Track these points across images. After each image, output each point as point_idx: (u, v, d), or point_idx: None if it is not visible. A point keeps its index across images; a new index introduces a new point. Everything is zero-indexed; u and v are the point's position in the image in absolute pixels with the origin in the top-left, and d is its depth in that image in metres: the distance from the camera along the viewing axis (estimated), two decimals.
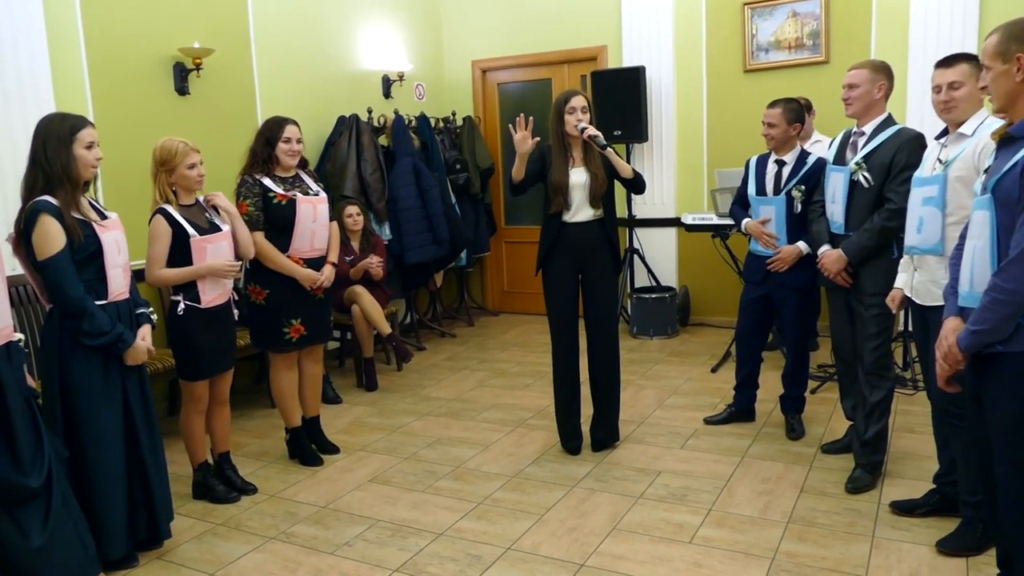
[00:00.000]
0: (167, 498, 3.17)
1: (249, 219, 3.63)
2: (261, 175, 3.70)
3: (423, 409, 4.80)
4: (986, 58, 2.13)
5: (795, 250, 3.78)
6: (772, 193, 3.88)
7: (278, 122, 3.74)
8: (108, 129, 4.30)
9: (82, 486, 2.84)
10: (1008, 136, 2.11)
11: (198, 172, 3.31)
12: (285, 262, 3.72)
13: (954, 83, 2.72)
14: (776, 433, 4.07)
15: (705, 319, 6.57)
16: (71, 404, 2.86)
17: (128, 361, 2.92)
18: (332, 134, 5.88)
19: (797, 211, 3.79)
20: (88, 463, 2.87)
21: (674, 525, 3.16)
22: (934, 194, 2.74)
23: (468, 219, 6.80)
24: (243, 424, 4.61)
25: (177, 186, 3.31)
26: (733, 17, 6.14)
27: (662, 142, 6.48)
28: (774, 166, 3.90)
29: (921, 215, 2.80)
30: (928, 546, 2.86)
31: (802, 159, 3.84)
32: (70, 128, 2.80)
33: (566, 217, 3.78)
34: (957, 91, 2.71)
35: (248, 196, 3.66)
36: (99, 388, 2.87)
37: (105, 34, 4.37)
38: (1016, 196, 2.02)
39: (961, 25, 5.34)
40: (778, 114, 3.81)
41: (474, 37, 7.25)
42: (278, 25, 5.51)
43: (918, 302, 2.89)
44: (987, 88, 2.21)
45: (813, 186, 3.74)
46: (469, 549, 3.05)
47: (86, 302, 2.78)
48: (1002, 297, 2.02)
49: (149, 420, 3.07)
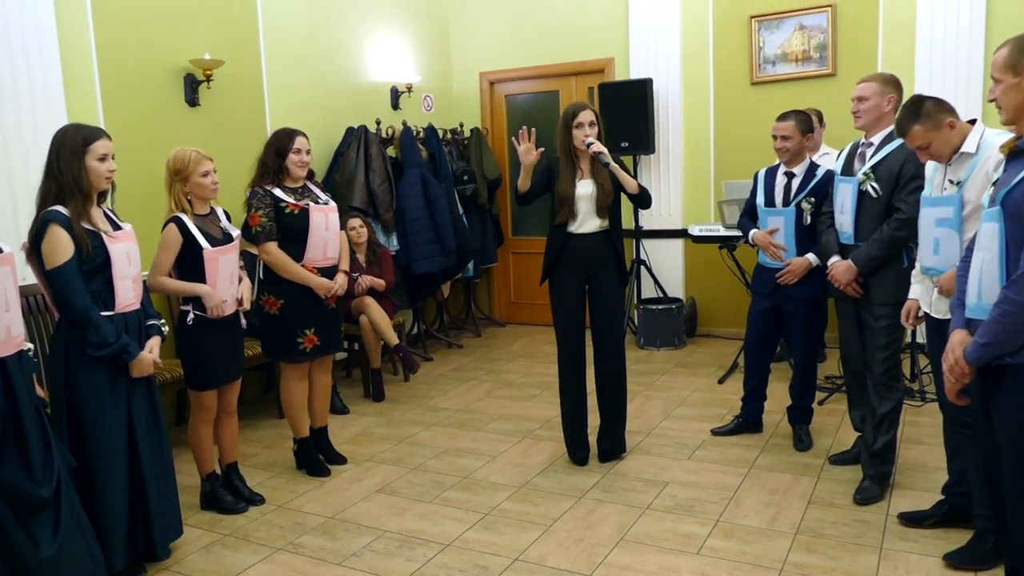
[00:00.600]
0: (173, 514, 3.16)
1: (262, 229, 3.66)
2: (271, 186, 3.72)
3: (430, 420, 4.80)
4: (996, 71, 2.15)
5: (804, 262, 3.78)
6: (781, 205, 3.88)
7: (288, 133, 3.77)
8: (119, 140, 4.26)
9: (85, 496, 2.83)
10: (1017, 149, 2.11)
11: (212, 180, 3.34)
12: (300, 271, 3.73)
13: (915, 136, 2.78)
14: (784, 444, 4.06)
15: (712, 330, 6.57)
16: (76, 414, 2.86)
17: (133, 373, 2.92)
18: (340, 145, 5.91)
19: (806, 223, 3.79)
20: (91, 474, 2.87)
21: (682, 536, 3.16)
22: (949, 215, 2.72)
23: (475, 230, 6.82)
24: (251, 434, 4.62)
25: (192, 195, 3.34)
26: (740, 29, 6.17)
27: (669, 154, 6.50)
28: (783, 178, 3.90)
29: (937, 236, 2.78)
30: (936, 558, 2.84)
31: (811, 171, 3.84)
32: (83, 139, 2.82)
33: (572, 228, 3.79)
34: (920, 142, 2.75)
35: (260, 207, 3.68)
36: (105, 399, 2.87)
37: (117, 45, 4.41)
38: None
39: (967, 39, 5.35)
40: (791, 126, 3.80)
41: (482, 49, 7.29)
42: (288, 37, 5.55)
43: (934, 315, 2.88)
44: (995, 100, 2.22)
45: (823, 198, 3.74)
46: (477, 560, 3.05)
47: (91, 312, 2.79)
48: (1013, 309, 2.02)
49: (158, 433, 3.07)
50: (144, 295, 3.07)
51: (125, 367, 2.90)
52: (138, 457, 2.96)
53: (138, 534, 3.00)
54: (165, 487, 3.10)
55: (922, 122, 2.70)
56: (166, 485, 3.11)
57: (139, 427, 2.97)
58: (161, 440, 3.09)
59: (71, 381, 2.84)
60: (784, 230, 3.85)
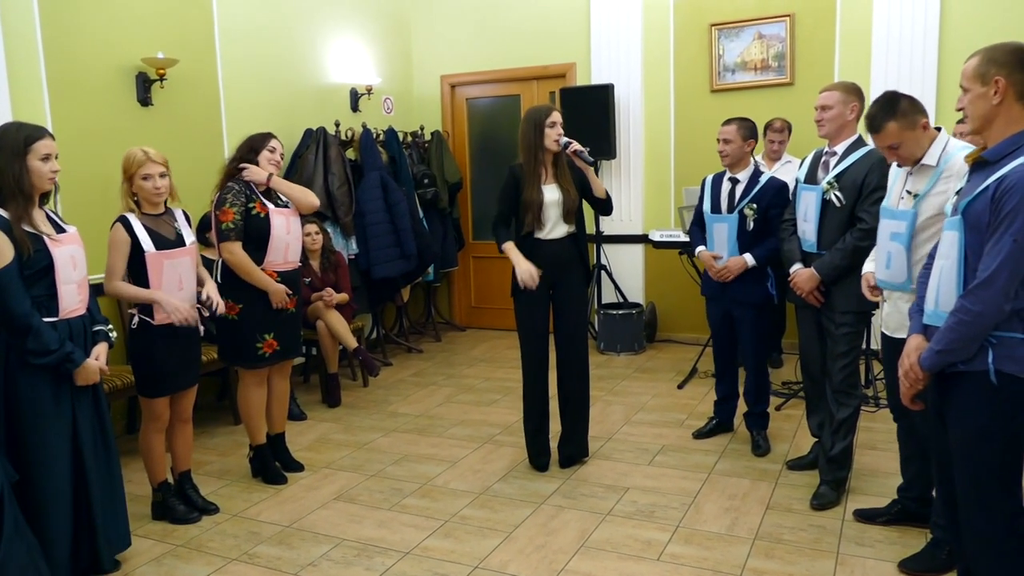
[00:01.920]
0: (120, 525, 3.06)
1: (233, 227, 3.59)
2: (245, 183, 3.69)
3: (389, 425, 4.75)
4: (965, 80, 2.16)
5: (740, 260, 3.89)
6: (726, 211, 3.96)
7: (264, 135, 3.80)
8: (67, 140, 4.20)
9: (28, 509, 2.72)
10: (981, 160, 2.13)
11: (154, 185, 3.20)
12: (260, 276, 3.67)
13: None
14: (742, 449, 4.09)
15: (672, 335, 6.61)
16: (17, 425, 2.74)
17: (78, 381, 2.81)
18: (299, 147, 5.82)
19: (750, 228, 3.88)
20: (34, 486, 2.76)
21: (642, 542, 3.15)
22: (902, 231, 2.75)
23: (436, 234, 6.78)
24: (205, 442, 4.52)
25: (139, 197, 3.25)
26: (701, 37, 6.22)
27: (630, 159, 6.53)
28: (728, 184, 3.98)
29: (889, 250, 2.82)
30: (892, 563, 2.88)
31: (755, 178, 3.92)
32: (25, 139, 2.72)
33: (540, 234, 3.77)
34: (890, 142, 2.73)
35: (235, 204, 3.62)
36: (48, 408, 2.76)
37: (65, 42, 4.27)
38: (986, 220, 2.04)
39: (921, 49, 5.47)
40: (733, 130, 3.90)
41: (443, 52, 7.25)
42: (244, 36, 5.45)
43: (888, 333, 2.92)
44: (963, 109, 2.24)
45: (766, 204, 3.83)
46: (436, 568, 3.01)
47: (32, 319, 2.67)
48: (968, 319, 2.05)
49: (105, 443, 2.98)
50: (92, 300, 2.98)
51: (69, 376, 2.79)
52: (83, 468, 2.87)
53: (82, 547, 2.91)
54: (111, 497, 3.01)
55: (898, 119, 2.67)
56: (112, 495, 3.02)
57: (84, 437, 2.87)
58: (109, 450, 2.99)
59: (11, 391, 2.72)
60: (728, 236, 3.93)
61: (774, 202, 3.84)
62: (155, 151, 3.24)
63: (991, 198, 2.03)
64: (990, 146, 2.13)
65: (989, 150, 2.12)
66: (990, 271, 2.00)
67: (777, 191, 3.87)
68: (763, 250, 3.87)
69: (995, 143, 2.11)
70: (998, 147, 2.09)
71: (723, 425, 4.31)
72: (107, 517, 2.97)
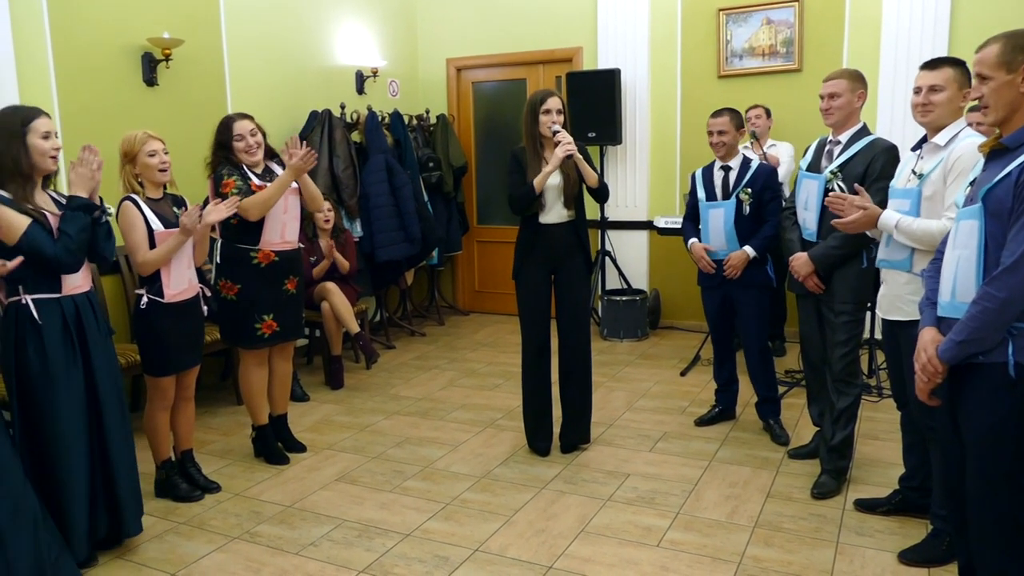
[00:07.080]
0: (135, 491, 3.07)
1: (239, 192, 3.56)
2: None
3: (392, 408, 4.76)
4: (985, 68, 2.09)
5: (743, 255, 3.94)
6: (722, 198, 4.03)
7: (225, 124, 3.69)
8: (73, 120, 4.22)
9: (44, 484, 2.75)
10: (1000, 147, 2.09)
11: (160, 160, 3.23)
12: (273, 187, 3.60)
13: (935, 86, 2.67)
14: (744, 437, 4.09)
15: (675, 322, 6.60)
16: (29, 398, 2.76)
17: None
18: (304, 129, 5.81)
19: (746, 213, 3.96)
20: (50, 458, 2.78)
21: (642, 528, 3.17)
22: (906, 209, 2.74)
23: (440, 217, 6.77)
24: (208, 421, 4.54)
25: (142, 177, 3.25)
26: (708, 22, 6.17)
27: (636, 145, 6.50)
28: (721, 172, 4.06)
29: None
30: (892, 553, 2.89)
31: (746, 164, 4.02)
32: (22, 120, 2.72)
33: (541, 218, 3.78)
34: (936, 95, 2.67)
35: (232, 174, 3.60)
36: (60, 379, 2.77)
37: (72, 23, 4.26)
38: (1009, 206, 2.00)
39: (932, 35, 5.41)
40: (726, 121, 4.02)
41: (449, 35, 7.21)
42: (250, 17, 5.42)
43: (882, 316, 2.92)
44: (981, 98, 2.15)
45: (759, 188, 3.93)
46: (436, 550, 3.03)
47: (59, 249, 2.70)
48: (993, 306, 1.99)
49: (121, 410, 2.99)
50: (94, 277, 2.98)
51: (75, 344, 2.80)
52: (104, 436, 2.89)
53: (99, 520, 2.92)
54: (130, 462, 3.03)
55: (957, 75, 2.65)
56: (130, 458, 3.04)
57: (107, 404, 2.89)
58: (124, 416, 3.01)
59: (22, 363, 2.74)
60: (724, 220, 3.99)
61: (766, 185, 3.96)
62: (154, 131, 3.26)
63: (1015, 183, 1.99)
64: (1007, 134, 2.09)
65: (1009, 136, 2.08)
66: (1016, 256, 1.95)
67: (768, 175, 3.99)
68: (760, 240, 3.94)
69: (1014, 130, 2.07)
70: (1018, 133, 2.06)
71: (725, 412, 4.32)
72: (130, 480, 3.01)
